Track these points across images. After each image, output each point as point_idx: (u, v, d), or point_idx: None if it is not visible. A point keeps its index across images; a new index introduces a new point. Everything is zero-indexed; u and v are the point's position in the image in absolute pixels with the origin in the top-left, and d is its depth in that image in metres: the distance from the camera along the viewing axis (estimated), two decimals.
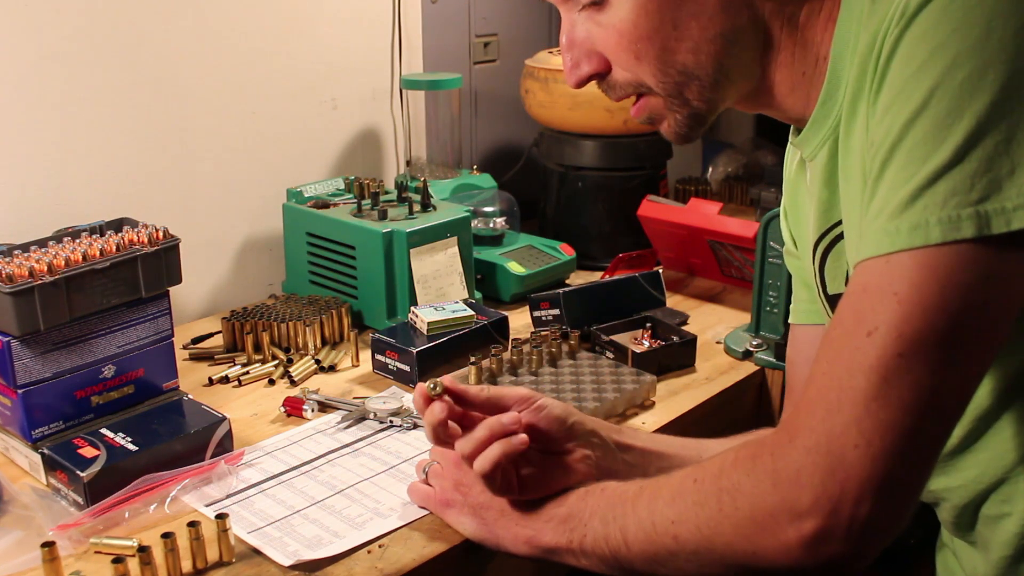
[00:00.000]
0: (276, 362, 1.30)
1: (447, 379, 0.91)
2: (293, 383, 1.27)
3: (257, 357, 1.32)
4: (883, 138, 0.67)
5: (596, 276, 1.63)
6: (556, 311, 1.39)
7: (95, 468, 0.97)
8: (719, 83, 0.81)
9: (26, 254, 1.07)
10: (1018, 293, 0.65)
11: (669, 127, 0.85)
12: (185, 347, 1.36)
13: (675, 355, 1.31)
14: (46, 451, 1.01)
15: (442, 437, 0.90)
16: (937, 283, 0.63)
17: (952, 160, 0.63)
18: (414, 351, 1.24)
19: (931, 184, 0.64)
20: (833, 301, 0.89)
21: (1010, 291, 0.65)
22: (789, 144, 0.95)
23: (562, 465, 0.90)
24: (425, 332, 1.29)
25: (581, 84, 0.85)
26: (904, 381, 0.64)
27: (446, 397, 0.90)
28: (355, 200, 1.47)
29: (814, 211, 0.87)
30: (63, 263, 1.05)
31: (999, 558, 0.81)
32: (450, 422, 0.90)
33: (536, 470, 0.89)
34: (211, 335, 1.40)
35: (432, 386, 0.89)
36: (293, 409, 1.18)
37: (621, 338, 1.34)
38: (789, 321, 1.05)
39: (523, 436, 0.87)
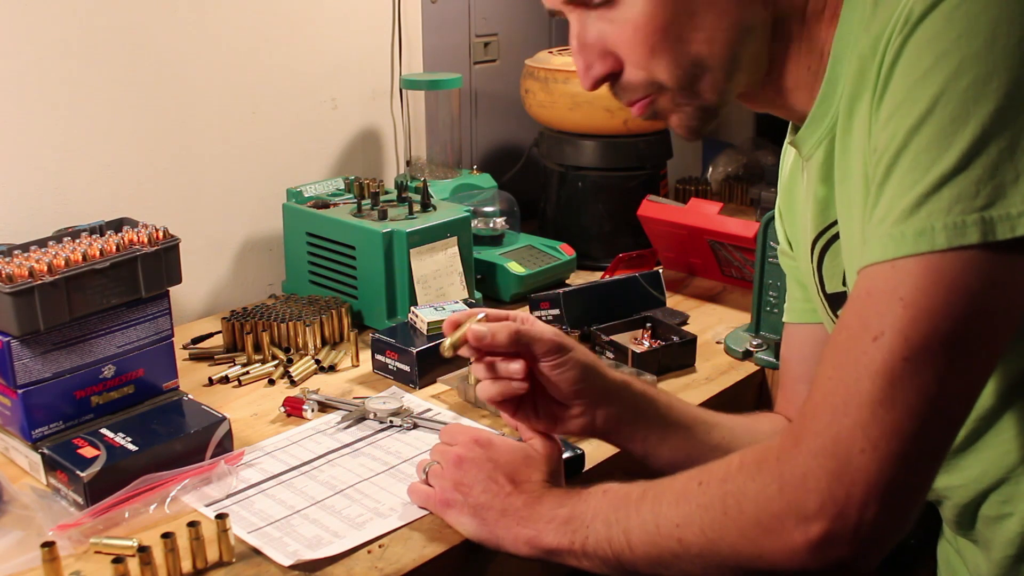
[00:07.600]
0: (276, 362, 1.30)
1: (472, 331, 0.92)
2: (293, 383, 1.26)
3: (257, 357, 1.32)
4: (887, 144, 0.67)
5: (596, 276, 1.63)
6: (556, 311, 1.38)
7: (95, 468, 0.97)
8: (731, 74, 0.80)
9: (26, 254, 1.07)
10: (1022, 298, 0.66)
11: (680, 120, 0.84)
12: (185, 347, 1.36)
13: (675, 355, 1.31)
14: (46, 451, 1.01)
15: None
16: (943, 288, 0.64)
17: (957, 166, 0.64)
18: (414, 351, 1.24)
19: (936, 190, 0.64)
20: (831, 299, 0.89)
21: (1014, 296, 0.65)
22: (785, 144, 0.95)
23: (578, 415, 0.95)
24: (425, 332, 1.29)
25: (595, 86, 0.83)
26: (910, 385, 0.64)
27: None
28: (355, 200, 1.47)
29: (811, 210, 0.87)
30: (63, 263, 1.05)
31: (1001, 558, 0.82)
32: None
33: (554, 408, 0.96)
34: (211, 335, 1.39)
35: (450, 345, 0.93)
36: (293, 409, 1.17)
37: (621, 338, 1.34)
38: (783, 320, 1.06)
39: (523, 384, 0.93)
